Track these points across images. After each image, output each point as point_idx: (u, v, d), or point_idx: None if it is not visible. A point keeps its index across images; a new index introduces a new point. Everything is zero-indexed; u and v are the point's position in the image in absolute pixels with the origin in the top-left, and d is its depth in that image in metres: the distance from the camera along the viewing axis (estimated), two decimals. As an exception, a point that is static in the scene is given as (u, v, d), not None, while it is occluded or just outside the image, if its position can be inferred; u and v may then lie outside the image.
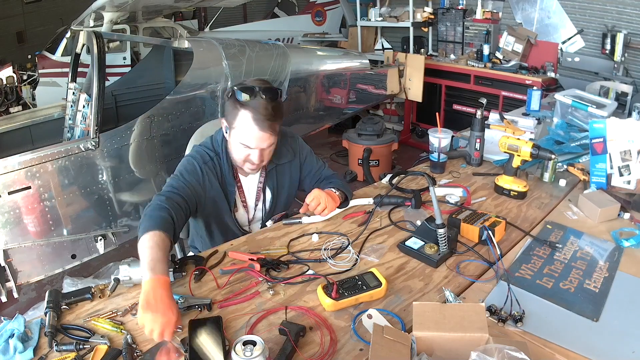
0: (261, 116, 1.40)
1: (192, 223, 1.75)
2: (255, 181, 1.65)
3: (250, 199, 1.67)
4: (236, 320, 1.13)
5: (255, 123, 1.41)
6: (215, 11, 7.30)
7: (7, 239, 2.21)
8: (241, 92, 1.41)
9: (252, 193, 1.67)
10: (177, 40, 3.32)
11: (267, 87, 1.44)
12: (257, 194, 1.67)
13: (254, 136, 1.43)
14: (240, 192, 1.64)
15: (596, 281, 1.26)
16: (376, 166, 4.31)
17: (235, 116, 1.44)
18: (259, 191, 1.66)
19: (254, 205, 1.69)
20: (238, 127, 1.45)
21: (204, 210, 1.57)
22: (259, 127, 1.41)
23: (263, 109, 1.40)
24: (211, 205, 1.58)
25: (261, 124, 1.41)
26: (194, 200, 1.48)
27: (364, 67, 4.22)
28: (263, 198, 1.68)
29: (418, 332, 0.93)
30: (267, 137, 1.45)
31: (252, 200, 1.68)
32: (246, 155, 1.49)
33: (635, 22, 4.12)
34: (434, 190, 1.39)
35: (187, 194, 1.45)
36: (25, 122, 3.16)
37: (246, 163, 1.52)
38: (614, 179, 1.77)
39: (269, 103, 1.41)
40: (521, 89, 4.23)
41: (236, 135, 1.46)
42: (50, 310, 1.11)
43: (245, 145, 1.46)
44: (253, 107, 1.40)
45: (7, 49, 7.28)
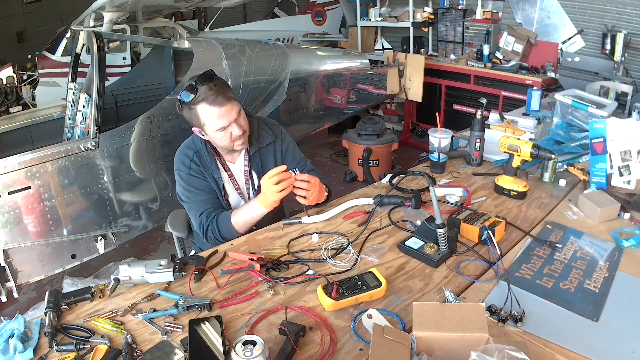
0: (212, 97, 1.50)
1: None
2: (242, 165, 1.73)
3: (242, 184, 1.75)
4: (236, 320, 1.13)
5: (214, 105, 1.51)
6: (215, 11, 7.31)
7: (7, 239, 2.21)
8: (185, 95, 1.52)
9: (242, 177, 1.74)
10: (177, 40, 3.32)
11: (200, 76, 1.53)
12: (245, 178, 1.74)
13: (221, 115, 1.52)
14: (232, 180, 1.71)
15: (596, 281, 1.26)
16: (376, 166, 4.32)
17: (197, 116, 1.54)
18: (246, 175, 1.73)
19: (245, 190, 1.75)
20: (205, 120, 1.54)
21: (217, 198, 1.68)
22: (219, 105, 1.51)
23: (209, 91, 1.50)
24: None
25: (218, 101, 1.51)
26: (214, 196, 1.65)
27: (364, 67, 4.22)
28: (252, 181, 1.74)
29: (418, 332, 0.93)
30: (231, 107, 1.54)
31: (243, 185, 1.75)
32: (230, 136, 1.58)
33: (635, 22, 4.12)
34: (434, 190, 1.39)
35: (210, 201, 1.64)
36: (25, 122, 3.15)
37: (234, 142, 1.61)
38: (614, 179, 1.77)
39: (209, 84, 1.51)
40: (521, 89, 4.23)
41: (209, 127, 1.56)
42: (50, 310, 1.11)
43: (222, 128, 1.55)
44: (202, 97, 1.51)
45: (7, 49, 7.29)
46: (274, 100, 3.37)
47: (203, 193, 1.64)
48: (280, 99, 3.40)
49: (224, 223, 1.57)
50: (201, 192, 1.65)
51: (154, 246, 3.38)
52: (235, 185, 1.72)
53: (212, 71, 1.56)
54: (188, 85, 1.52)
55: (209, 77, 1.53)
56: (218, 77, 1.56)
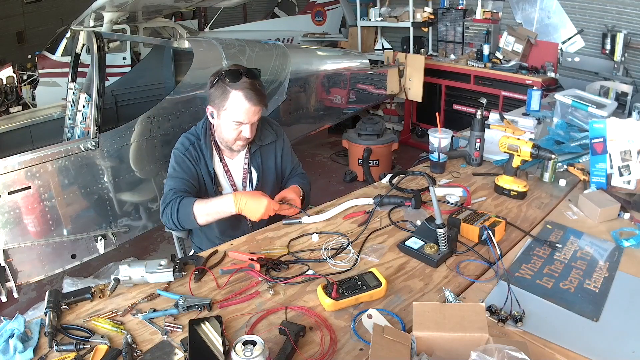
0: (251, 92, 1.54)
1: None
2: (241, 162, 1.74)
3: (238, 181, 1.75)
4: (236, 320, 1.13)
5: (248, 100, 1.55)
6: (215, 11, 7.31)
7: (7, 239, 2.21)
8: (229, 76, 1.55)
9: (239, 174, 1.75)
10: (177, 40, 3.32)
11: (249, 69, 1.59)
12: (243, 175, 1.74)
13: (247, 111, 1.56)
14: (228, 175, 1.73)
15: (596, 281, 1.26)
16: (376, 166, 4.32)
17: (226, 98, 1.56)
18: (244, 172, 1.74)
19: (242, 187, 1.75)
20: (230, 108, 1.56)
21: (197, 194, 1.67)
22: (251, 103, 1.55)
23: (252, 85, 1.55)
24: (199, 187, 1.70)
25: (253, 100, 1.55)
26: (194, 186, 1.66)
27: (364, 67, 4.22)
28: (250, 178, 1.75)
29: (418, 332, 0.93)
30: (258, 110, 1.59)
31: (239, 182, 1.75)
32: (238, 133, 1.61)
33: (635, 22, 4.12)
34: (434, 190, 1.39)
35: (188, 185, 1.64)
36: (25, 122, 3.15)
37: (237, 141, 1.64)
38: (614, 179, 1.77)
39: (255, 81, 1.57)
40: (521, 89, 4.23)
41: (228, 115, 1.58)
42: (50, 310, 1.11)
43: (238, 122, 1.58)
44: (242, 86, 1.54)
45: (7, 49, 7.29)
46: (274, 100, 3.37)
47: (185, 175, 1.64)
48: (280, 99, 3.40)
49: (185, 206, 1.52)
50: (183, 174, 1.64)
51: (154, 246, 3.38)
52: (230, 181, 1.74)
53: (259, 70, 1.62)
54: (235, 69, 1.56)
55: (256, 75, 1.59)
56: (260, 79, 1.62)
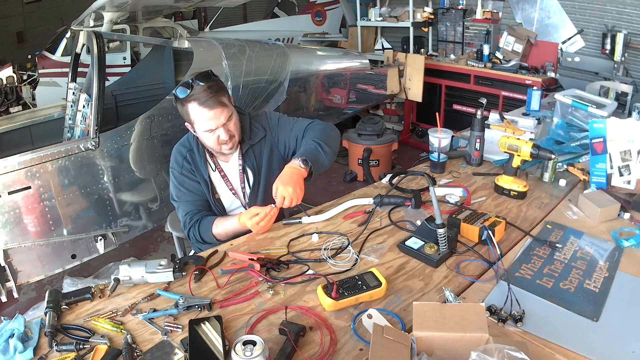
0: (204, 98, 1.51)
1: None
2: (236, 165, 1.72)
3: (236, 184, 1.74)
4: (236, 320, 1.13)
5: (204, 106, 1.52)
6: (215, 11, 7.31)
7: (7, 239, 2.21)
8: (180, 91, 1.53)
9: (236, 177, 1.73)
10: (177, 40, 3.32)
11: (199, 74, 1.55)
12: (240, 177, 1.73)
13: (210, 117, 1.53)
14: (225, 180, 1.72)
15: (596, 281, 1.26)
16: (376, 166, 4.32)
17: (187, 113, 1.56)
18: (240, 174, 1.72)
19: (240, 190, 1.74)
20: (195, 119, 1.56)
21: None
22: (208, 108, 1.52)
23: (202, 91, 1.51)
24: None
25: (209, 104, 1.52)
26: (204, 201, 1.68)
27: (364, 67, 4.22)
28: (246, 179, 1.73)
29: (418, 332, 0.93)
30: (221, 111, 1.54)
31: (237, 185, 1.74)
32: (216, 138, 1.59)
33: (635, 22, 4.12)
34: (434, 190, 1.39)
35: (199, 204, 1.67)
36: (25, 122, 3.16)
37: (221, 146, 1.62)
38: (614, 179, 1.77)
39: (205, 85, 1.52)
40: (521, 89, 4.23)
41: (198, 126, 1.57)
42: (50, 310, 1.11)
43: (209, 130, 1.56)
44: (194, 97, 1.52)
45: (7, 49, 7.30)
46: (274, 100, 3.37)
47: (191, 194, 1.68)
48: (280, 99, 3.41)
49: (206, 229, 1.61)
50: (189, 193, 1.68)
51: (154, 246, 3.38)
52: (228, 185, 1.72)
53: (210, 71, 1.57)
54: (185, 81, 1.54)
55: (207, 77, 1.54)
56: (216, 78, 1.57)
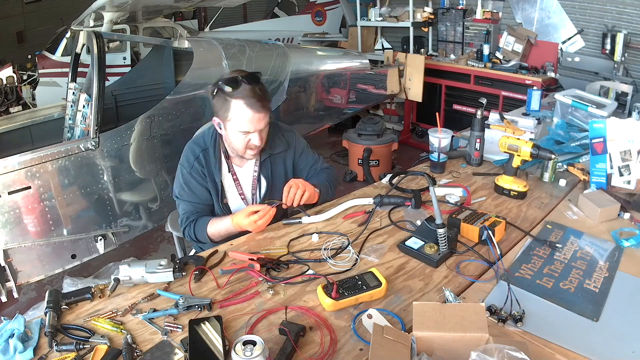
0: (252, 100, 1.49)
1: None
2: (250, 171, 1.71)
3: (247, 190, 1.72)
4: (236, 320, 1.13)
5: (250, 107, 1.49)
6: (215, 11, 7.31)
7: (7, 239, 2.21)
8: (227, 85, 1.49)
9: (248, 183, 1.72)
10: (177, 40, 3.32)
11: (248, 74, 1.53)
12: (252, 184, 1.71)
13: (251, 119, 1.51)
14: (237, 184, 1.70)
15: (596, 281, 1.26)
16: (376, 166, 4.31)
17: (227, 109, 1.51)
18: (254, 180, 1.71)
19: (251, 196, 1.72)
20: (234, 118, 1.52)
21: (209, 210, 1.69)
22: (254, 110, 1.50)
23: (252, 92, 1.49)
24: (208, 201, 1.69)
25: (255, 107, 1.50)
26: (204, 205, 1.67)
27: (364, 67, 4.22)
28: (259, 187, 1.72)
29: (418, 332, 0.93)
30: (263, 116, 1.53)
31: (248, 191, 1.72)
32: (247, 141, 1.56)
33: (635, 22, 4.12)
34: (434, 190, 1.39)
35: (199, 207, 1.66)
36: (25, 122, 3.16)
37: (247, 150, 1.59)
38: (614, 179, 1.77)
39: (255, 86, 1.50)
40: (521, 89, 4.23)
41: (234, 125, 1.53)
42: (50, 310, 1.11)
43: (245, 132, 1.53)
44: (242, 95, 1.48)
45: (7, 49, 7.29)
46: (274, 100, 3.37)
47: (194, 196, 1.65)
48: (280, 99, 3.41)
49: (200, 228, 1.60)
50: (192, 194, 1.66)
51: (154, 246, 3.38)
52: (239, 190, 1.70)
53: (260, 74, 1.56)
54: (233, 77, 1.50)
55: (257, 79, 1.53)
56: (262, 81, 1.56)
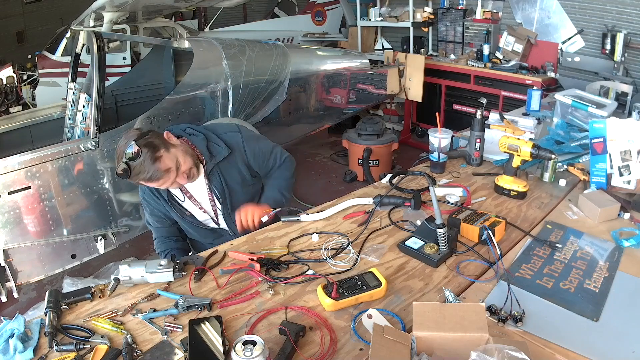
0: (145, 175, 1.48)
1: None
2: (202, 185, 1.71)
3: (205, 204, 1.75)
4: (236, 320, 1.13)
5: (151, 182, 1.53)
6: (215, 11, 7.31)
7: (7, 239, 2.21)
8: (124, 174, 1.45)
9: (205, 197, 1.74)
10: (177, 40, 3.32)
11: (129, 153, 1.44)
12: (209, 197, 1.74)
13: (160, 184, 1.56)
14: (193, 201, 1.73)
15: (596, 281, 1.26)
16: (376, 166, 4.32)
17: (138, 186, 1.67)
18: (209, 193, 1.73)
19: (211, 208, 1.75)
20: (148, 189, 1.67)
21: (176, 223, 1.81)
22: (155, 182, 1.53)
23: (141, 168, 1.46)
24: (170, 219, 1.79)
25: (154, 177, 1.50)
26: (170, 217, 1.77)
27: (364, 67, 4.22)
28: (216, 198, 1.74)
29: (418, 332, 0.93)
30: (167, 175, 1.52)
31: (207, 204, 1.75)
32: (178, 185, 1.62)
33: (635, 22, 4.12)
34: (434, 190, 1.39)
35: (166, 226, 1.79)
36: (25, 122, 3.16)
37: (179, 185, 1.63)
38: (614, 179, 1.77)
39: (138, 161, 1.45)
40: (521, 89, 4.23)
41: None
42: (50, 310, 1.11)
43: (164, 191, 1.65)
44: (139, 177, 1.48)
45: (7, 49, 7.30)
46: (274, 100, 3.37)
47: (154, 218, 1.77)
48: (280, 99, 3.41)
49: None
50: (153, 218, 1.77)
51: (154, 246, 3.37)
52: (197, 205, 1.74)
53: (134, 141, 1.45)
54: (123, 168, 1.44)
55: (136, 155, 1.44)
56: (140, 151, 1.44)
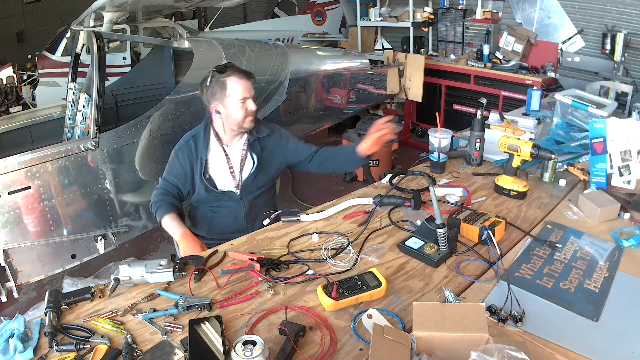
0: (241, 74, 1.85)
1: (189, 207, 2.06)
2: (239, 149, 1.94)
3: (236, 165, 1.93)
4: (236, 320, 1.13)
5: (242, 78, 1.84)
6: (215, 11, 7.31)
7: (7, 239, 2.21)
8: (219, 71, 1.83)
9: (237, 159, 1.93)
10: (177, 40, 3.32)
11: (227, 62, 1.92)
12: (241, 159, 1.93)
13: (245, 87, 1.83)
14: (227, 159, 1.92)
15: (596, 281, 1.26)
16: (376, 166, 4.31)
17: (225, 87, 1.82)
18: (242, 156, 1.93)
19: (239, 170, 1.93)
20: (232, 92, 1.82)
21: (181, 191, 1.94)
22: (246, 78, 1.85)
23: (239, 69, 1.86)
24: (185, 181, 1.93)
25: (245, 77, 1.85)
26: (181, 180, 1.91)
27: (364, 67, 4.21)
28: (247, 162, 1.93)
29: (418, 332, 0.94)
30: (252, 83, 1.87)
31: (237, 165, 1.93)
32: (245, 110, 1.84)
33: (635, 22, 4.12)
34: (434, 190, 1.39)
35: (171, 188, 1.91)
36: (25, 122, 3.15)
37: (247, 117, 1.85)
38: (614, 179, 1.77)
39: (236, 66, 1.88)
40: (521, 89, 4.23)
41: (233, 98, 1.82)
42: (50, 310, 1.11)
43: (243, 99, 1.82)
44: (232, 73, 1.83)
45: (7, 49, 7.30)
46: (274, 100, 3.36)
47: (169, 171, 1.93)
48: (280, 99, 3.40)
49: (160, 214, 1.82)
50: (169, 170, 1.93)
51: (154, 246, 3.38)
52: (229, 164, 1.92)
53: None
54: (220, 66, 1.85)
55: (234, 65, 1.88)
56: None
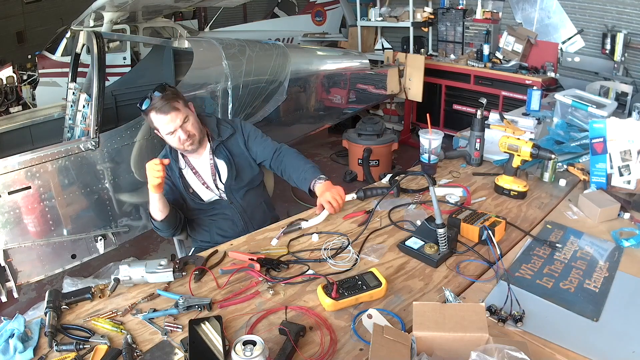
0: (160, 106, 1.72)
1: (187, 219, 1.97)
2: (207, 160, 1.89)
3: (207, 178, 1.88)
4: (236, 320, 1.13)
5: (160, 113, 1.73)
6: (215, 11, 7.31)
7: (7, 239, 2.21)
8: (141, 104, 1.75)
9: (207, 171, 1.89)
10: (177, 40, 3.32)
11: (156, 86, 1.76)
12: (211, 171, 1.88)
13: (165, 122, 1.73)
14: (197, 175, 1.88)
15: (596, 281, 1.26)
16: (376, 166, 4.31)
17: (151, 122, 1.77)
18: (211, 167, 1.88)
19: (212, 182, 1.88)
20: (157, 125, 1.76)
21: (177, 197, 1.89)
22: (164, 114, 1.72)
23: (158, 101, 1.72)
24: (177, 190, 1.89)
25: (164, 110, 1.72)
26: (170, 196, 1.82)
27: (364, 67, 4.21)
28: (217, 172, 1.88)
29: (418, 332, 0.94)
30: (175, 115, 1.73)
31: (209, 178, 1.88)
32: (178, 139, 1.76)
33: (635, 22, 4.12)
34: (434, 190, 1.39)
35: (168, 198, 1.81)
36: (25, 122, 3.15)
37: (183, 145, 1.78)
38: (614, 179, 1.77)
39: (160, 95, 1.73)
40: (521, 89, 4.24)
41: (161, 131, 1.77)
42: (50, 310, 1.11)
43: (170, 132, 1.75)
44: (152, 107, 1.72)
45: (7, 49, 7.30)
46: (274, 100, 3.36)
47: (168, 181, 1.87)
48: (280, 99, 3.40)
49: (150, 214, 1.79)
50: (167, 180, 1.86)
51: (154, 246, 3.38)
52: (200, 180, 1.88)
53: (166, 83, 1.79)
54: (145, 95, 1.75)
55: (162, 88, 1.75)
56: (171, 87, 1.78)
